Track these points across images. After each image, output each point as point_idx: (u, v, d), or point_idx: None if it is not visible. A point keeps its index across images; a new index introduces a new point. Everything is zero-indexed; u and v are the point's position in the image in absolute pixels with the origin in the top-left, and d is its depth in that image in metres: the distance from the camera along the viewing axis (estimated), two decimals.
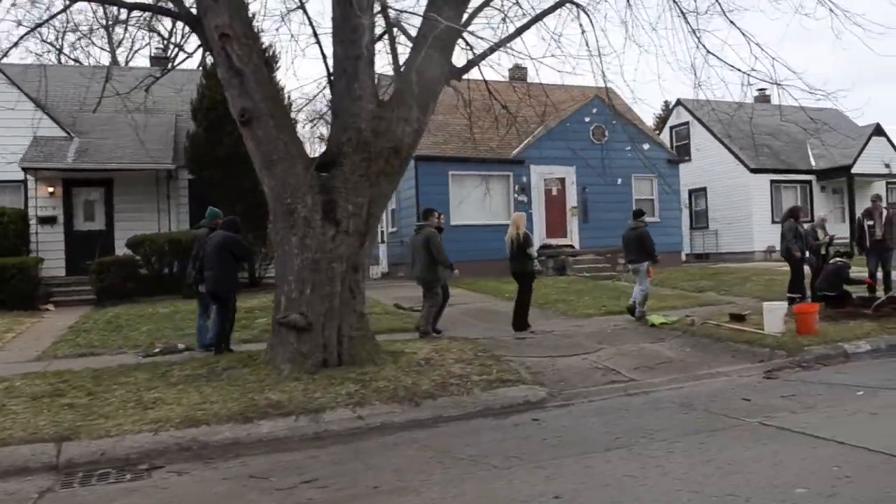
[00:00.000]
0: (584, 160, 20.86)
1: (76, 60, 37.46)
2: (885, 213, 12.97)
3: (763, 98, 30.78)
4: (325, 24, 10.48)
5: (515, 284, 11.24)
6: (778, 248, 15.31)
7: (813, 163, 25.33)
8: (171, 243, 16.18)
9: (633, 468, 4.70)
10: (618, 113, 21.16)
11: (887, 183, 26.00)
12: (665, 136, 27.58)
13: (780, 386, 7.18)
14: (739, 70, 9.63)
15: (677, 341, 9.74)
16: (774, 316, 9.50)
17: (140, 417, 6.37)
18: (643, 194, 21.93)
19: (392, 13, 9.03)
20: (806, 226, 13.05)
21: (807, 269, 12.70)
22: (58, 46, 32.73)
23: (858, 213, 24.06)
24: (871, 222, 12.83)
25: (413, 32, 8.86)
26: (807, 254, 12.51)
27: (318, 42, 8.88)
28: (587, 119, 21.26)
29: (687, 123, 26.68)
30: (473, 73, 9.53)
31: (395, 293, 17.23)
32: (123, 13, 10.06)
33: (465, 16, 9.07)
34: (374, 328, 11.36)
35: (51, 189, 18.08)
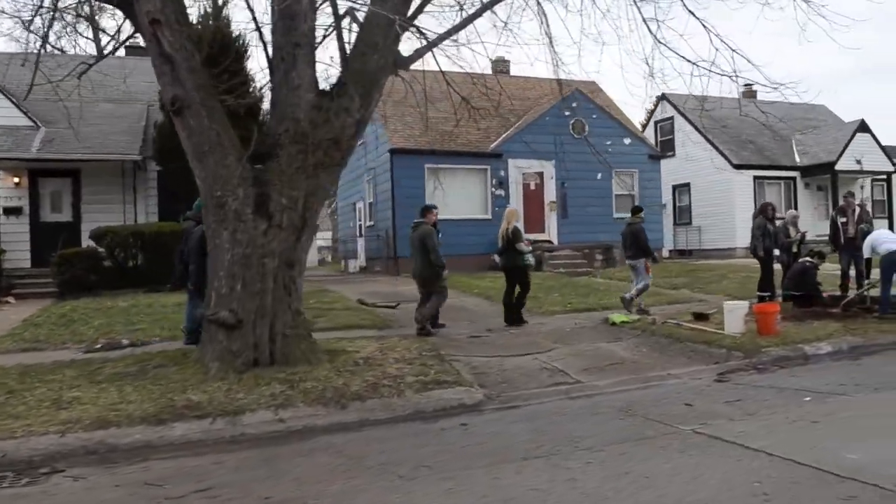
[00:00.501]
0: (563, 154, 20.58)
1: (61, 50, 37.07)
2: (857, 210, 12.66)
3: (750, 94, 30.47)
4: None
5: (492, 280, 11.15)
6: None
7: (797, 159, 25.02)
8: (135, 235, 15.82)
9: (542, 481, 4.39)
10: (599, 107, 20.93)
11: (872, 180, 25.73)
12: (650, 131, 27.24)
13: (728, 390, 6.87)
14: (689, 60, 9.23)
15: (635, 341, 9.44)
16: (734, 316, 9.20)
17: (51, 418, 6.05)
18: (624, 189, 21.61)
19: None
20: (778, 223, 12.73)
21: (779, 267, 12.41)
22: (41, 35, 32.27)
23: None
24: (843, 220, 12.52)
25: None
26: (777, 252, 12.22)
27: (259, 29, 8.51)
28: (567, 113, 20.89)
29: (671, 118, 26.34)
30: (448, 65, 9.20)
31: (367, 288, 16.93)
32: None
33: (417, 3, 8.75)
34: (332, 324, 11.17)
35: (16, 179, 17.72)
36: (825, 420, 5.51)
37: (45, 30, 8.80)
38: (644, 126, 27.66)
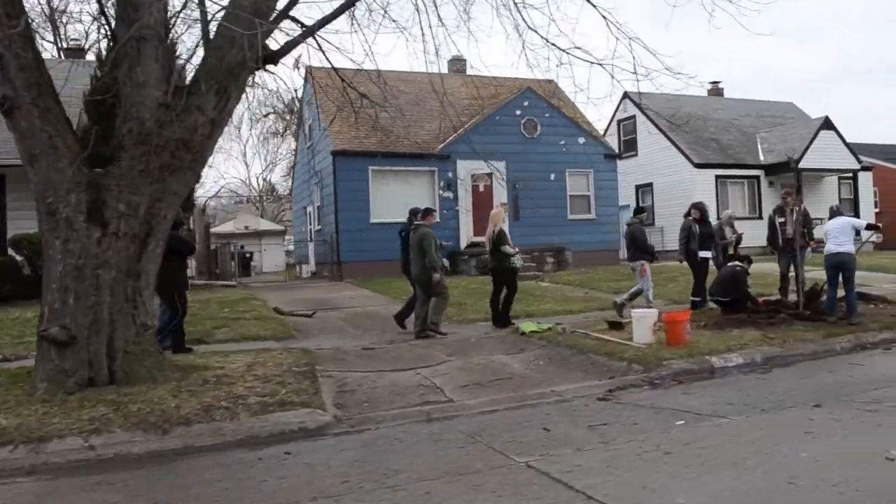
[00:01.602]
0: (515, 154, 19.98)
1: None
2: (797, 209, 11.99)
3: (716, 92, 29.93)
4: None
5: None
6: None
7: (762, 157, 24.38)
8: None
9: None
10: (552, 106, 20.29)
11: (839, 178, 25.12)
12: (613, 130, 26.61)
13: (604, 411, 6.19)
14: (558, 47, 8.58)
15: (537, 352, 8.76)
16: (642, 325, 8.54)
17: None
18: (578, 190, 20.97)
19: None
20: (713, 223, 12.10)
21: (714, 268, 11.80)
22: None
23: (810, 209, 23.26)
24: (782, 219, 11.87)
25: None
26: (709, 254, 11.61)
27: (108, 22, 7.77)
28: (518, 112, 20.27)
29: (633, 117, 25.69)
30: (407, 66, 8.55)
31: (300, 294, 16.27)
32: None
33: None
34: (230, 336, 10.49)
35: None
36: (680, 451, 4.82)
37: None
38: (608, 125, 27.02)
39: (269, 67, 7.97)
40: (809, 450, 4.68)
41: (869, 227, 10.42)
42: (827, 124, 23.80)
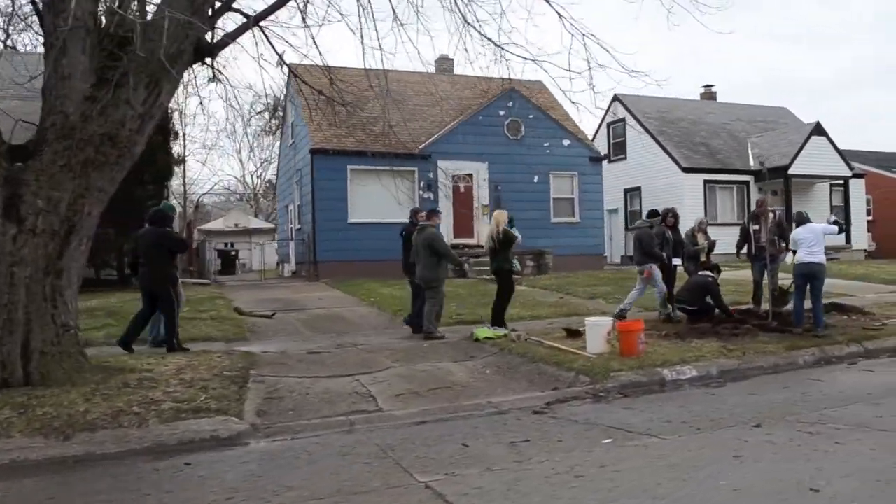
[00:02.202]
0: (497, 155, 19.69)
1: (13, 47, 36.08)
2: (772, 216, 11.66)
3: (709, 95, 29.56)
4: None
5: (402, 287, 11.30)
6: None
7: (751, 162, 24.00)
8: None
9: None
10: (536, 107, 19.98)
11: (831, 185, 24.71)
12: (603, 133, 26.27)
13: (534, 425, 5.87)
14: (493, 42, 8.26)
15: (486, 360, 8.44)
16: (595, 334, 8.21)
17: None
18: (562, 193, 20.63)
19: None
20: (684, 230, 11.77)
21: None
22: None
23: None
24: (756, 227, 11.51)
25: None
26: (677, 261, 11.28)
27: (38, 12, 7.43)
28: (502, 113, 19.93)
29: (623, 120, 25.33)
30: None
31: (270, 294, 15.97)
32: None
33: None
34: (183, 336, 10.17)
35: None
36: (593, 474, 4.50)
37: None
38: (597, 128, 26.68)
39: (256, 67, 7.71)
40: (731, 476, 4.35)
41: (836, 223, 9.98)
42: (818, 130, 23.41)
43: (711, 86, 28.68)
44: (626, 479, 4.37)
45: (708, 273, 10.36)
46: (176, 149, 33.63)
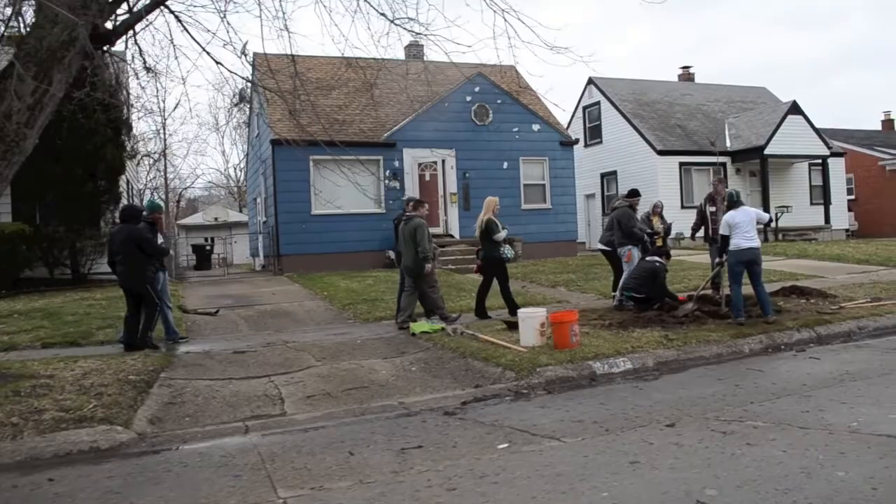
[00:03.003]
0: (465, 142, 19.23)
1: None
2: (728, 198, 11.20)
3: (687, 77, 29.03)
4: None
5: (362, 280, 11.83)
6: (686, 234, 13.59)
7: (728, 143, 23.53)
8: None
9: None
10: (504, 91, 19.47)
11: (809, 164, 24.25)
12: (579, 117, 25.77)
13: (437, 427, 5.46)
14: (386, 17, 7.82)
15: (416, 357, 8.04)
16: (528, 326, 7.81)
17: None
18: (533, 179, 20.16)
19: None
20: (640, 213, 11.32)
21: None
22: None
23: (772, 196, 22.47)
24: (713, 209, 11.08)
25: None
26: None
27: None
28: (469, 98, 19.43)
29: (598, 103, 24.82)
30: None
31: (227, 290, 15.56)
32: None
33: None
34: (113, 336, 9.76)
35: None
36: (468, 487, 4.08)
37: None
38: (574, 112, 26.17)
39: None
40: (617, 488, 3.95)
41: (768, 223, 9.38)
42: (794, 109, 22.92)
43: (689, 67, 28.11)
44: (501, 493, 3.97)
45: (656, 258, 9.94)
46: (158, 144, 33.14)
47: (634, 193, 10.96)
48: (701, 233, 11.29)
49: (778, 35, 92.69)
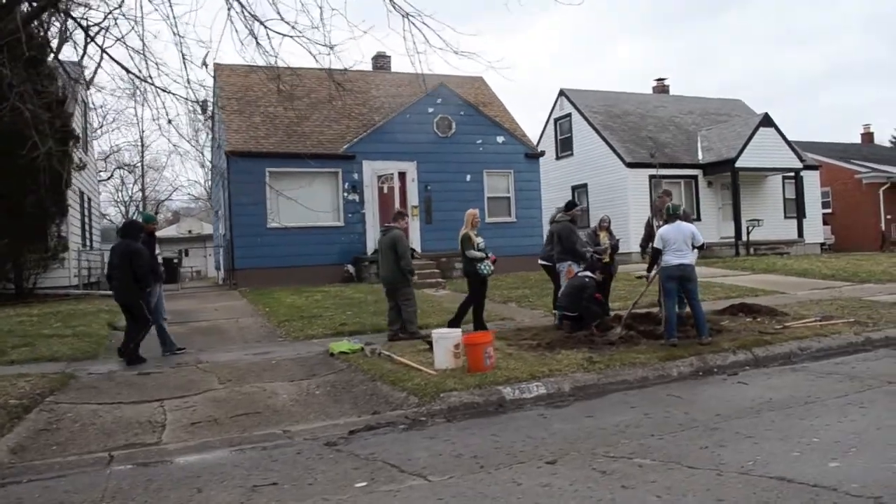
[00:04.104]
0: (427, 154, 18.86)
1: None
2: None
3: (661, 89, 28.81)
4: None
5: (309, 295, 11.88)
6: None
7: (700, 156, 23.23)
8: None
9: None
10: (467, 103, 19.16)
11: (783, 178, 23.95)
12: (550, 129, 25.44)
13: (308, 461, 5.03)
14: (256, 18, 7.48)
15: (325, 379, 7.61)
16: (441, 347, 7.39)
17: None
18: (497, 191, 19.80)
19: None
20: (587, 228, 10.96)
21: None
22: None
23: (744, 210, 22.13)
24: (659, 223, 10.69)
25: None
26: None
27: None
28: (431, 110, 19.08)
29: (569, 115, 24.52)
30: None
31: (173, 305, 15.06)
32: None
33: None
34: (28, 356, 9.32)
35: None
36: None
37: None
38: (545, 124, 25.85)
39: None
40: None
41: (701, 247, 8.75)
42: (766, 121, 22.64)
43: (664, 79, 27.87)
44: None
45: (588, 274, 9.54)
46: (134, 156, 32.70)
47: (572, 205, 10.61)
48: (649, 247, 10.91)
49: (776, 50, 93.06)
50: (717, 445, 4.93)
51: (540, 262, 10.99)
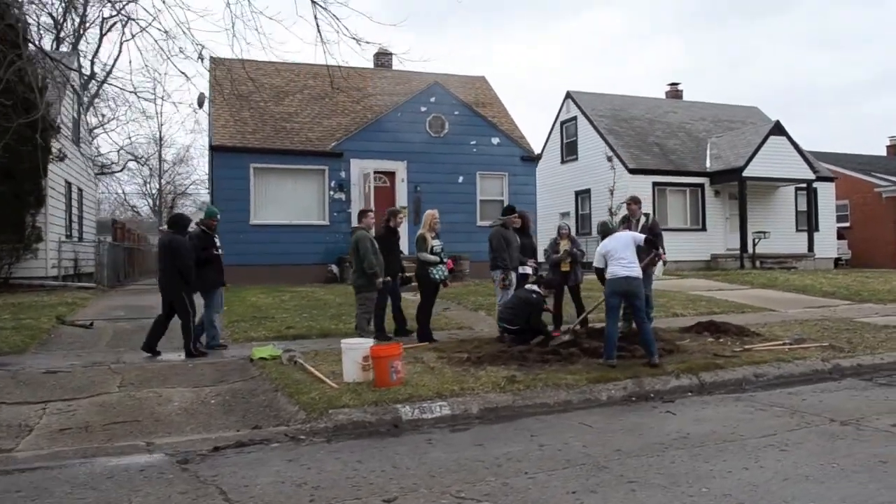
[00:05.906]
0: (418, 154, 18.43)
1: None
2: (644, 220, 10.26)
3: (675, 94, 27.90)
4: None
5: (279, 295, 11.69)
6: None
7: (708, 164, 22.36)
8: None
9: None
10: (462, 102, 18.68)
11: (796, 188, 22.94)
12: (556, 133, 24.78)
13: (142, 485, 4.64)
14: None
15: (232, 386, 7.20)
16: (350, 359, 6.94)
17: None
18: (491, 194, 19.26)
19: None
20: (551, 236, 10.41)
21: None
22: None
23: (751, 221, 21.24)
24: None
25: None
26: (528, 269, 10.00)
27: None
28: (423, 108, 18.63)
29: (575, 119, 23.83)
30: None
31: (135, 301, 15.00)
32: None
33: None
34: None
35: None
36: None
37: None
38: (552, 127, 25.20)
39: None
40: None
41: (647, 242, 8.20)
42: (778, 129, 21.66)
43: (677, 84, 26.96)
44: None
45: (534, 288, 9.01)
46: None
47: (509, 211, 10.17)
48: None
49: (813, 57, 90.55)
50: (587, 491, 4.37)
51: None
